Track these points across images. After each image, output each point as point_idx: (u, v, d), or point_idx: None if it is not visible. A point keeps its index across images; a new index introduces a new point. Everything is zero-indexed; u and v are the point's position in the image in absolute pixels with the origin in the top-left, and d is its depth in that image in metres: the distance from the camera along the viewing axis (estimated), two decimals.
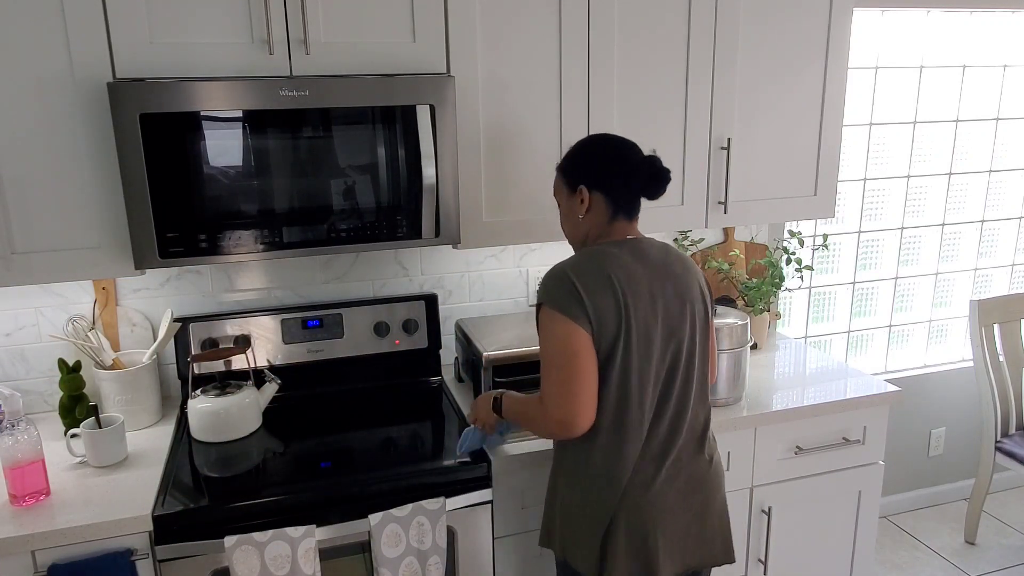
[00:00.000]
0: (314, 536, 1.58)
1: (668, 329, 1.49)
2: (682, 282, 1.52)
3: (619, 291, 1.44)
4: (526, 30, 1.86)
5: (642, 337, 1.45)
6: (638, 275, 1.47)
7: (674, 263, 1.54)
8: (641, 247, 1.53)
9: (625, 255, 1.49)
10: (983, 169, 3.07)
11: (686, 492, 1.53)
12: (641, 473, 1.48)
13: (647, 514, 1.48)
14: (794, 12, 2.07)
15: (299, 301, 2.21)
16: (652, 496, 1.49)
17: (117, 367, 1.94)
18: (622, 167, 1.54)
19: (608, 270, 1.46)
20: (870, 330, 3.09)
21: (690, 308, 1.52)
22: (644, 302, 1.46)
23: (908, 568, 2.84)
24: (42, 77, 1.58)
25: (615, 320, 1.43)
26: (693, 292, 1.53)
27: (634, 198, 1.56)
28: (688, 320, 1.51)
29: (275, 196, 1.69)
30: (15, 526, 1.51)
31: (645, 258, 1.51)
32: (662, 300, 1.48)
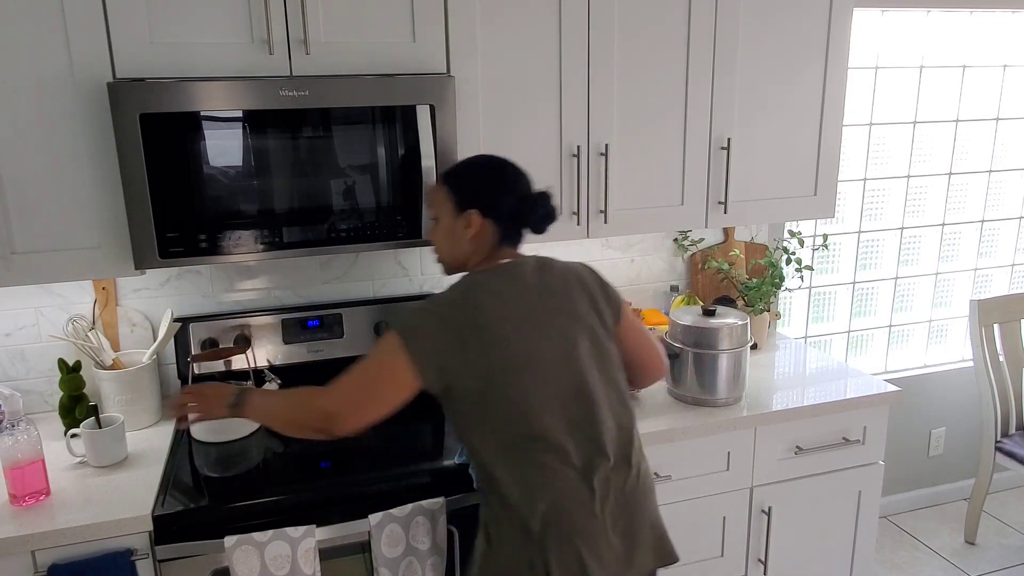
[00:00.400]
0: (314, 536, 1.58)
1: (560, 350, 1.43)
2: (563, 298, 1.47)
3: (487, 327, 1.39)
4: (526, 30, 1.86)
5: (529, 365, 1.40)
6: (514, 301, 1.43)
7: (553, 280, 1.49)
8: (517, 271, 1.48)
9: (500, 283, 1.45)
10: (983, 169, 3.07)
11: (616, 514, 1.43)
12: (564, 504, 1.38)
13: (578, 545, 1.38)
14: (794, 12, 2.07)
15: (299, 301, 2.21)
16: (581, 527, 1.39)
17: (117, 367, 1.94)
18: (521, 202, 1.53)
19: (479, 304, 1.41)
20: (870, 330, 3.09)
21: (580, 322, 1.47)
22: (524, 329, 1.41)
23: (908, 568, 2.84)
24: (42, 77, 1.58)
25: (488, 357, 1.38)
26: (579, 305, 1.48)
27: (523, 229, 1.56)
28: (582, 334, 1.46)
29: (275, 196, 1.69)
30: (15, 526, 1.51)
31: (521, 282, 1.46)
32: (546, 322, 1.44)
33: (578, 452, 1.42)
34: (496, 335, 1.40)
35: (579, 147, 1.96)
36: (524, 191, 1.54)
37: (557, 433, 1.41)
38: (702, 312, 2.02)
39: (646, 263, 2.52)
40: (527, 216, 1.53)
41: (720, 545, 2.06)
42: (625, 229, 2.07)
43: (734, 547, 2.07)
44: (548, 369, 1.42)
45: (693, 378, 1.99)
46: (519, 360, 1.40)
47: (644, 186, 2.06)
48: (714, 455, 1.98)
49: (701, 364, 1.98)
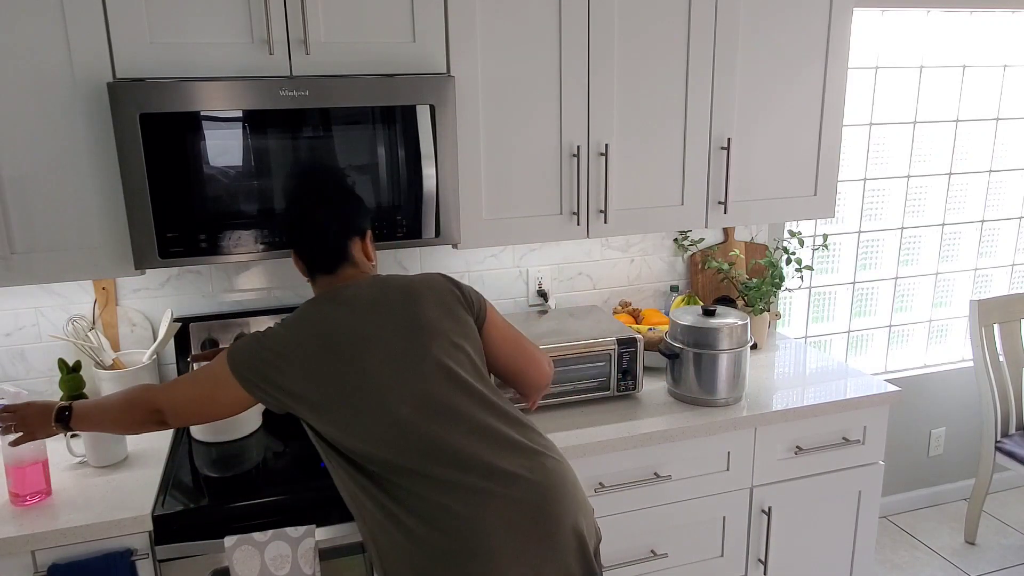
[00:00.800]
0: (314, 536, 1.58)
1: (406, 367, 1.36)
2: (404, 314, 1.40)
3: (316, 354, 1.35)
4: (526, 30, 1.86)
5: (364, 389, 1.34)
6: (345, 326, 1.37)
7: (391, 295, 1.42)
8: (347, 293, 1.42)
9: (328, 308, 1.40)
10: (983, 169, 3.07)
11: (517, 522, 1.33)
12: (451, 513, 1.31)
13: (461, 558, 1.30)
14: (794, 12, 2.07)
15: (299, 301, 2.20)
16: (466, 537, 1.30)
17: (117, 367, 1.93)
18: (296, 228, 1.46)
19: (308, 335, 1.37)
20: (870, 330, 3.09)
21: (425, 338, 1.39)
22: (358, 351, 1.36)
23: (908, 568, 2.84)
24: (42, 77, 1.58)
25: (325, 384, 1.34)
26: (425, 316, 1.41)
27: (319, 260, 1.46)
28: (434, 347, 1.39)
29: (275, 196, 1.69)
30: (15, 526, 1.51)
31: (353, 303, 1.40)
32: (382, 341, 1.37)
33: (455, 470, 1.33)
34: (324, 367, 1.34)
35: (579, 147, 1.97)
36: (300, 229, 1.45)
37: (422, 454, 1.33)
38: (702, 312, 2.02)
39: (646, 263, 2.52)
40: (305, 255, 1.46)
41: (720, 545, 2.06)
42: (625, 229, 2.07)
43: (734, 547, 2.07)
44: (392, 391, 1.35)
45: (693, 378, 1.99)
46: (358, 385, 1.34)
47: (644, 186, 2.06)
48: (714, 455, 1.98)
49: (701, 364, 1.98)
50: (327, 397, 1.35)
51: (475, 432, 1.37)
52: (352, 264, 1.49)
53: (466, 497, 1.32)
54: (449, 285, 1.50)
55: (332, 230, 1.46)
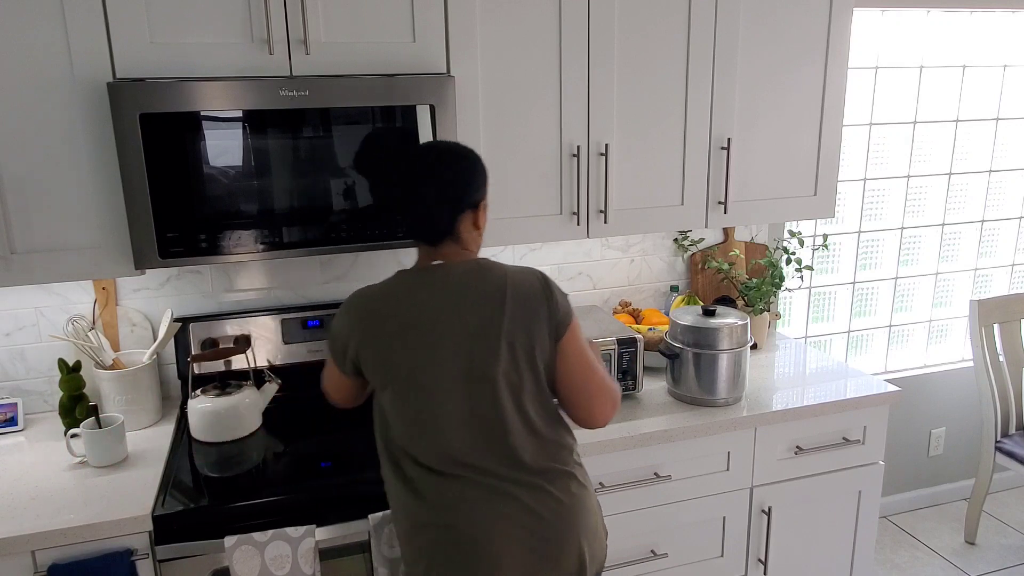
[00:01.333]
0: (314, 536, 1.58)
1: (468, 363, 1.36)
2: (493, 307, 1.38)
3: (399, 327, 1.36)
4: (526, 30, 1.86)
5: (425, 373, 1.35)
6: (429, 305, 1.37)
7: (487, 286, 1.39)
8: (438, 275, 1.40)
9: (420, 286, 1.40)
10: (983, 169, 3.07)
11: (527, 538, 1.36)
12: (464, 514, 1.35)
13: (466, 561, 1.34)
14: (794, 12, 2.07)
15: (299, 301, 2.21)
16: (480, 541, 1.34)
17: (117, 367, 1.94)
18: (402, 199, 1.42)
19: (394, 304, 1.38)
20: (870, 330, 3.09)
21: (507, 338, 1.37)
22: (432, 335, 1.36)
23: (908, 568, 2.84)
24: (42, 77, 1.58)
25: (389, 358, 1.37)
26: (508, 319, 1.37)
27: (424, 231, 1.42)
28: (503, 349, 1.37)
29: (275, 196, 1.69)
30: (15, 526, 1.51)
31: (444, 286, 1.39)
32: (459, 334, 1.36)
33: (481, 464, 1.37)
34: (398, 341, 1.37)
35: (579, 147, 1.96)
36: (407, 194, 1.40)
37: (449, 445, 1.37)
38: (702, 312, 2.02)
39: (646, 263, 2.52)
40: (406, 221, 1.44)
41: (720, 545, 2.06)
42: (625, 229, 2.07)
43: (734, 547, 2.07)
44: (447, 377, 1.36)
45: (693, 378, 1.99)
46: (416, 365, 1.36)
47: (644, 186, 2.06)
48: (714, 455, 1.98)
49: (701, 364, 1.98)
50: (385, 374, 1.40)
51: (510, 443, 1.38)
52: (455, 239, 1.43)
53: (486, 496, 1.37)
54: (541, 289, 1.42)
55: (435, 208, 1.39)
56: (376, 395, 1.45)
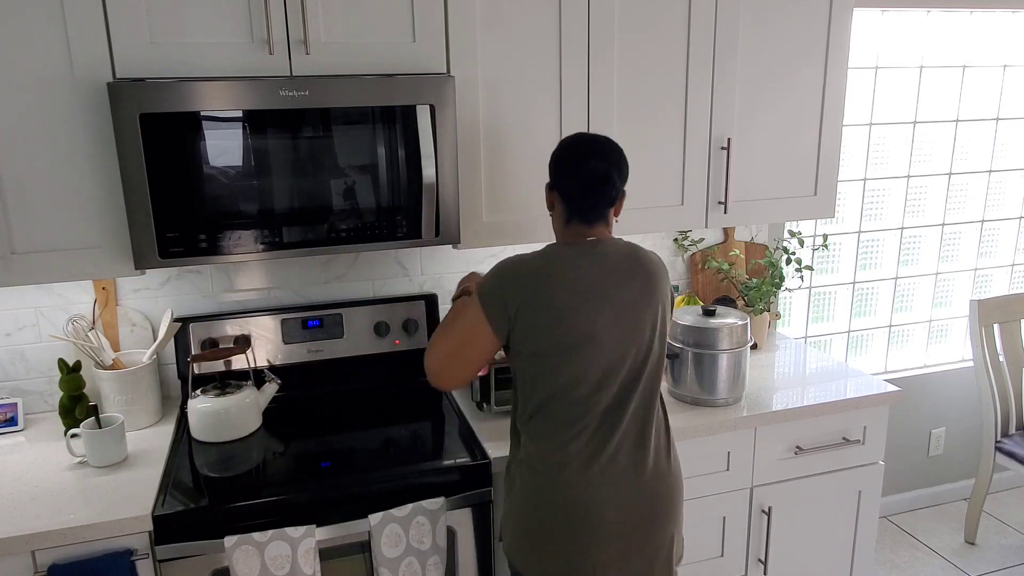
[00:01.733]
0: (314, 536, 1.58)
1: (622, 333, 1.47)
2: (644, 287, 1.50)
3: (562, 294, 1.43)
4: (526, 30, 1.86)
5: (586, 339, 1.44)
6: (589, 277, 1.46)
7: (638, 268, 1.50)
8: (600, 249, 1.50)
9: (579, 256, 1.48)
10: (983, 169, 3.07)
11: (632, 503, 1.48)
12: (581, 473, 1.46)
13: (576, 514, 1.45)
14: (794, 12, 2.07)
15: (299, 301, 2.21)
16: (588, 497, 1.45)
17: (117, 367, 1.94)
18: (576, 171, 1.52)
19: (553, 272, 1.45)
20: (870, 330, 3.09)
21: (651, 316, 1.50)
22: (593, 304, 1.44)
23: (908, 568, 2.84)
24: (42, 77, 1.58)
25: (555, 324, 1.43)
26: (655, 300, 1.51)
27: (588, 207, 1.53)
28: (648, 327, 1.50)
29: (275, 196, 1.69)
30: (15, 526, 1.51)
31: (602, 260, 1.48)
32: (617, 304, 1.46)
33: (611, 435, 1.48)
34: (562, 306, 1.43)
35: None
36: (585, 164, 1.51)
37: (591, 411, 1.47)
38: (702, 312, 2.02)
39: None
40: (581, 188, 1.52)
41: (720, 545, 2.06)
42: (625, 229, 2.06)
43: (734, 547, 2.07)
44: (604, 348, 1.45)
45: (693, 378, 1.99)
46: (579, 331, 1.44)
47: (644, 186, 2.06)
48: (714, 455, 1.98)
49: (701, 364, 1.98)
50: (550, 336, 1.43)
51: (636, 418, 1.50)
52: (605, 222, 1.56)
53: (602, 465, 1.47)
54: (670, 284, 1.59)
55: (608, 189, 1.51)
56: (520, 363, 1.49)
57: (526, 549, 1.50)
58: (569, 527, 1.46)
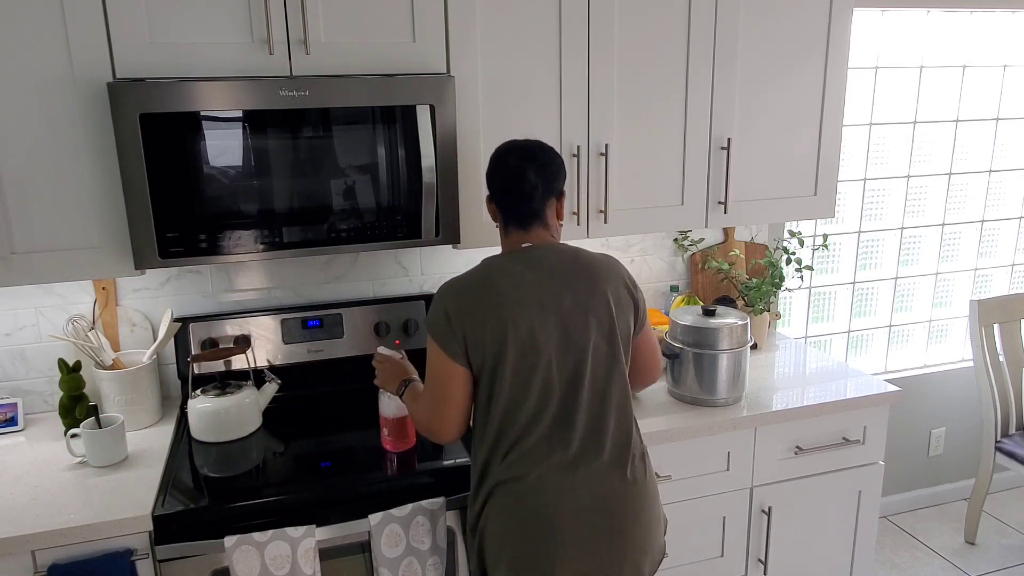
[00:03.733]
0: (314, 536, 1.58)
1: (564, 338, 1.45)
2: (586, 289, 1.48)
3: (499, 303, 1.43)
4: (526, 30, 1.86)
5: (527, 347, 1.43)
6: (526, 282, 1.45)
7: (577, 270, 1.49)
8: (535, 255, 1.50)
9: (514, 263, 1.48)
10: (983, 169, 3.07)
11: (594, 509, 1.45)
12: (539, 481, 1.43)
13: (540, 522, 1.42)
14: (794, 12, 2.07)
15: (299, 301, 2.21)
16: (548, 503, 1.43)
17: (117, 367, 1.94)
18: (496, 172, 1.54)
19: (489, 283, 1.45)
20: (870, 330, 3.09)
21: (597, 318, 1.47)
22: (530, 311, 1.44)
23: (908, 568, 2.84)
24: (42, 77, 1.58)
25: (496, 334, 1.42)
26: (600, 301, 1.48)
27: (515, 207, 1.53)
28: (594, 329, 1.47)
29: (275, 196, 1.69)
30: (15, 526, 1.51)
31: (538, 266, 1.48)
32: (556, 308, 1.45)
33: (562, 442, 1.46)
34: (503, 314, 1.43)
35: (579, 147, 1.96)
36: (505, 166, 1.52)
37: (540, 420, 1.45)
38: (702, 312, 2.02)
39: (646, 263, 2.52)
40: (504, 191, 1.53)
41: (720, 545, 2.06)
42: (625, 229, 2.07)
43: (734, 547, 2.07)
44: (544, 355, 1.44)
45: (693, 378, 1.99)
46: (521, 340, 1.43)
47: (644, 186, 2.06)
48: (714, 455, 1.98)
49: (701, 364, 1.98)
50: (495, 346, 1.43)
51: (587, 425, 1.47)
52: (543, 224, 1.55)
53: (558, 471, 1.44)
54: (628, 283, 1.56)
55: (537, 190, 1.52)
56: (480, 387, 1.48)
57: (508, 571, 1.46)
58: (536, 540, 1.43)
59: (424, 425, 1.51)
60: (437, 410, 1.48)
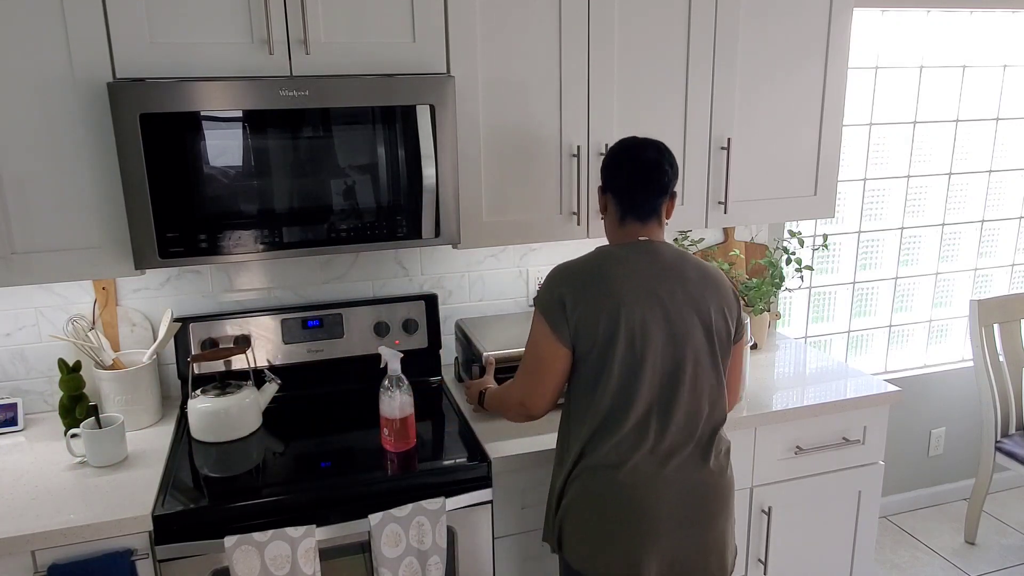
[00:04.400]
0: (314, 536, 1.58)
1: (671, 331, 1.48)
2: (695, 288, 1.51)
3: (614, 290, 1.47)
4: (526, 30, 1.86)
5: (637, 335, 1.46)
6: (641, 274, 1.49)
7: (690, 270, 1.53)
8: (651, 247, 1.54)
9: (631, 252, 1.52)
10: (983, 169, 3.07)
11: (684, 498, 1.50)
12: (635, 469, 1.48)
13: (633, 509, 1.47)
14: (794, 12, 2.07)
15: (299, 301, 2.21)
16: (642, 493, 1.47)
17: (117, 367, 1.94)
18: (627, 163, 1.57)
19: (605, 270, 1.49)
20: (870, 330, 3.09)
21: (701, 317, 1.51)
22: (643, 301, 1.47)
23: (908, 568, 2.84)
24: (42, 77, 1.58)
25: (607, 320, 1.46)
26: (706, 302, 1.52)
27: (640, 200, 1.56)
28: (698, 327, 1.50)
29: (275, 196, 1.69)
30: (15, 526, 1.51)
31: (654, 258, 1.52)
32: (667, 302, 1.49)
33: (658, 430, 1.49)
34: (616, 300, 1.46)
35: (579, 147, 1.97)
36: (634, 161, 1.55)
37: (639, 406, 1.48)
38: None
39: None
40: (630, 184, 1.56)
41: None
42: None
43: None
44: (653, 345, 1.47)
45: None
46: (631, 328, 1.46)
47: None
48: None
49: None
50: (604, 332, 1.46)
51: (687, 416, 1.51)
52: (658, 220, 1.59)
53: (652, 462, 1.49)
54: (735, 294, 1.59)
55: (659, 176, 1.55)
56: (584, 368, 1.50)
57: (591, 551, 1.50)
58: (627, 525, 1.47)
59: (517, 399, 1.57)
60: (535, 385, 1.54)
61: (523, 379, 1.57)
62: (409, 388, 1.77)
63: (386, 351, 1.77)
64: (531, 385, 1.55)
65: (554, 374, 1.52)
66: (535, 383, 1.54)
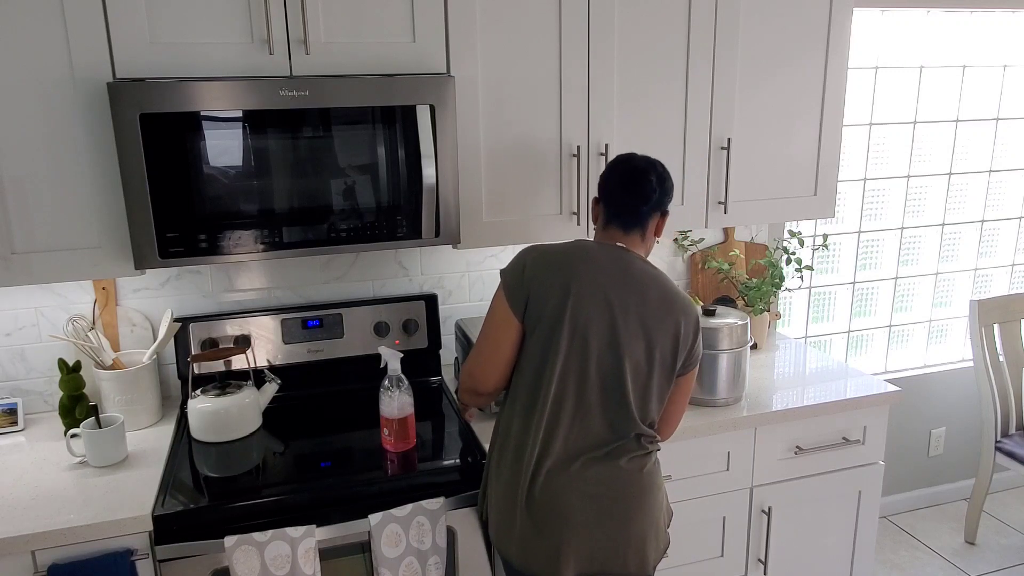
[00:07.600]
0: (314, 536, 1.58)
1: (612, 339, 1.49)
2: (651, 310, 1.50)
3: (570, 280, 1.48)
4: (526, 30, 1.86)
5: (577, 334, 1.47)
6: (601, 274, 1.50)
7: (652, 290, 1.52)
8: (623, 256, 1.54)
9: (600, 254, 1.53)
10: (983, 169, 3.07)
11: (596, 496, 1.50)
12: (553, 460, 1.49)
13: (551, 501, 1.49)
14: (794, 12, 2.07)
15: (299, 301, 2.21)
16: (558, 483, 1.49)
17: (117, 367, 1.94)
18: (618, 168, 1.60)
19: (570, 259, 1.51)
20: (870, 330, 3.09)
21: (647, 337, 1.50)
22: (592, 301, 1.48)
23: (908, 568, 2.84)
24: (42, 77, 1.58)
25: (555, 305, 1.48)
26: (658, 326, 1.51)
27: (623, 207, 1.57)
28: (641, 345, 1.50)
29: (275, 196, 1.69)
30: (15, 526, 1.51)
31: (621, 267, 1.52)
32: (616, 310, 1.49)
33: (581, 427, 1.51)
34: (570, 289, 1.47)
35: (579, 147, 1.97)
36: (627, 170, 1.58)
37: (569, 401, 1.49)
38: (702, 312, 2.02)
39: None
40: (620, 191, 1.57)
41: (720, 545, 2.06)
42: None
43: (734, 547, 2.07)
44: (591, 348, 1.48)
45: None
46: (575, 324, 1.47)
47: None
48: (714, 455, 1.98)
49: (701, 364, 1.97)
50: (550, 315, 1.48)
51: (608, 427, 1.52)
52: (642, 235, 1.60)
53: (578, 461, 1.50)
54: (693, 330, 1.56)
55: (645, 185, 1.56)
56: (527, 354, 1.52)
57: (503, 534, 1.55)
58: (546, 529, 1.50)
59: (467, 370, 1.58)
60: (483, 357, 1.55)
61: (475, 349, 1.58)
62: (409, 388, 1.77)
63: (386, 351, 1.77)
64: (480, 360, 1.56)
65: (503, 347, 1.53)
66: (484, 358, 1.55)
